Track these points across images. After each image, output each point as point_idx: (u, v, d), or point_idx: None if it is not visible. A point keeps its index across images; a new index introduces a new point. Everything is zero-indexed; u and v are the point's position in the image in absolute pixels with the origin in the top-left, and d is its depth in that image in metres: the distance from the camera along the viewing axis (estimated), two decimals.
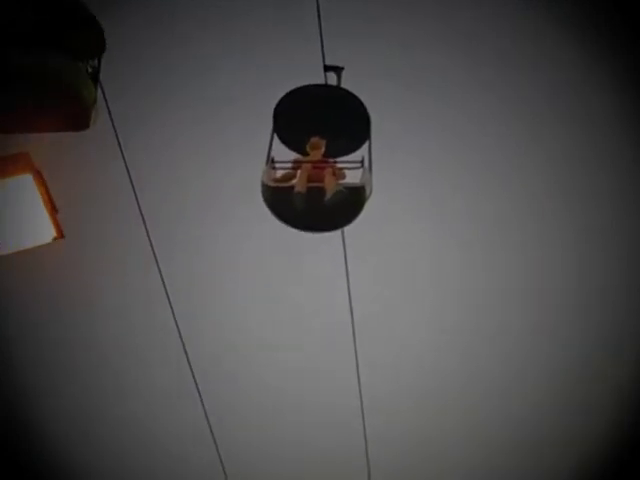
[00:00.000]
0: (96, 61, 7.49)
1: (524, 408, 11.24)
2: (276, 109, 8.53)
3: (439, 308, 10.74)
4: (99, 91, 7.60)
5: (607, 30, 9.06)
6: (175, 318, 10.21)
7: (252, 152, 8.63)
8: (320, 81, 8.78)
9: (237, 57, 9.35)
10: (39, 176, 8.16)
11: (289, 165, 8.30)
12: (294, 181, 7.98)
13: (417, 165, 10.09)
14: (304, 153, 8.58)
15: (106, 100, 8.64)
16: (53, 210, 8.26)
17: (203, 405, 10.88)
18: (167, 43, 9.21)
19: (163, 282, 9.69)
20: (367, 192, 7.90)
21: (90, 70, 7.47)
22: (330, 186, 7.80)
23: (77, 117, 7.32)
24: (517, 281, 10.54)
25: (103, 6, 7.34)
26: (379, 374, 10.91)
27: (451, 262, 10.52)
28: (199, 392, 10.82)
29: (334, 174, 8.04)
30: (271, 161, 8.11)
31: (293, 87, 8.47)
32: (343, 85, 8.79)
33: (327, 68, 8.76)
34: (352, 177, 8.14)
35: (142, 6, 8.97)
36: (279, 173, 8.25)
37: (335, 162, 8.33)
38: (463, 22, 9.29)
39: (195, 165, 9.80)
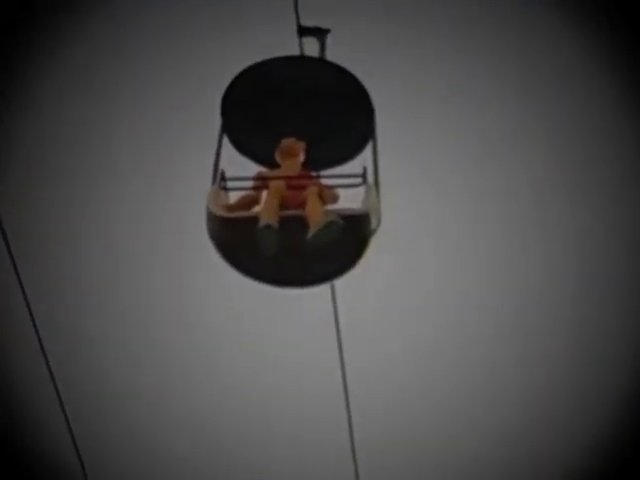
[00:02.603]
0: None
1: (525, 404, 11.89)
2: (225, 97, 7.12)
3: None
4: None
5: (607, 27, 9.59)
6: None
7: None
8: (293, 52, 7.29)
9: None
10: None
11: (249, 184, 6.92)
12: (258, 208, 6.68)
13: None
14: (272, 164, 7.20)
15: None
16: None
17: None
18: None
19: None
20: (374, 223, 6.48)
21: None
22: (315, 215, 6.42)
23: None
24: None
25: None
26: None
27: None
28: None
29: (321, 196, 6.66)
30: (220, 178, 6.72)
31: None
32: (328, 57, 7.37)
33: (303, 31, 7.14)
34: (349, 199, 6.77)
35: None
36: (233, 196, 6.92)
37: (320, 177, 7.16)
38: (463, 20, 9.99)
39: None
